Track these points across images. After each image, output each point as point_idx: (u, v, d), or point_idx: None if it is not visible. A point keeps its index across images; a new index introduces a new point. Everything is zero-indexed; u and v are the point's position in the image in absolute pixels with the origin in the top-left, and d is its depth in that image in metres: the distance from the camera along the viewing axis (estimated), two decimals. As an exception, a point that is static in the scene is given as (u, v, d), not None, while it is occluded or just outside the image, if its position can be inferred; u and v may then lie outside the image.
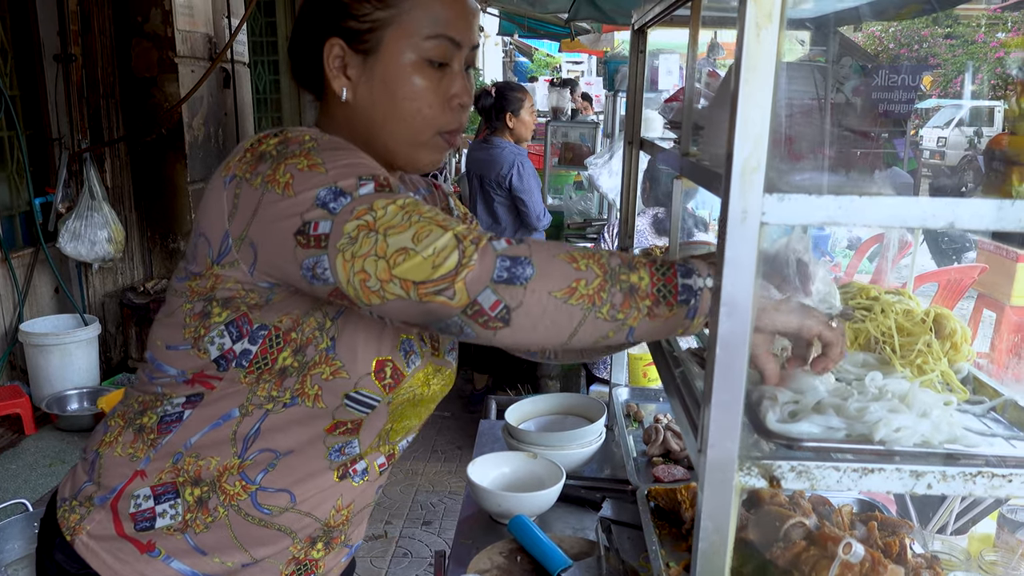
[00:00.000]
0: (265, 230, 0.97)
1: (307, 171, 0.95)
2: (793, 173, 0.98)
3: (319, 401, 1.08)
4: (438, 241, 0.88)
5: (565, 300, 0.88)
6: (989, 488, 0.86)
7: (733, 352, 0.82)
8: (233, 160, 1.02)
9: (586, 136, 5.87)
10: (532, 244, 0.90)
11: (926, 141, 15.07)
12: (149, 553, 1.10)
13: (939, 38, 16.07)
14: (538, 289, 0.87)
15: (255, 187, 0.97)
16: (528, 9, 7.10)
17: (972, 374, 1.14)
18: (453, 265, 0.86)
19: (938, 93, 15.46)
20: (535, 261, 0.88)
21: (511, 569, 1.40)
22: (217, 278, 1.03)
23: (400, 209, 0.91)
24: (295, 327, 1.05)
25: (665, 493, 1.44)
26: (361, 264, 0.89)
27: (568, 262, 0.89)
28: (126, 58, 4.63)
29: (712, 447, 0.84)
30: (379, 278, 0.88)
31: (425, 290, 0.87)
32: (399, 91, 1.07)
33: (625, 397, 2.05)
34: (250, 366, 1.06)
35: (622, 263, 0.90)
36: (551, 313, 0.88)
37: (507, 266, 0.87)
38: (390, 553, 3.30)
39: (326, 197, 0.93)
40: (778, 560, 1.13)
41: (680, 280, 0.89)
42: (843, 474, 0.86)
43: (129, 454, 1.12)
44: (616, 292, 0.88)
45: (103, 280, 4.69)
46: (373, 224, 0.90)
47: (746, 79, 0.78)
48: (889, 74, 1.10)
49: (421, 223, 0.89)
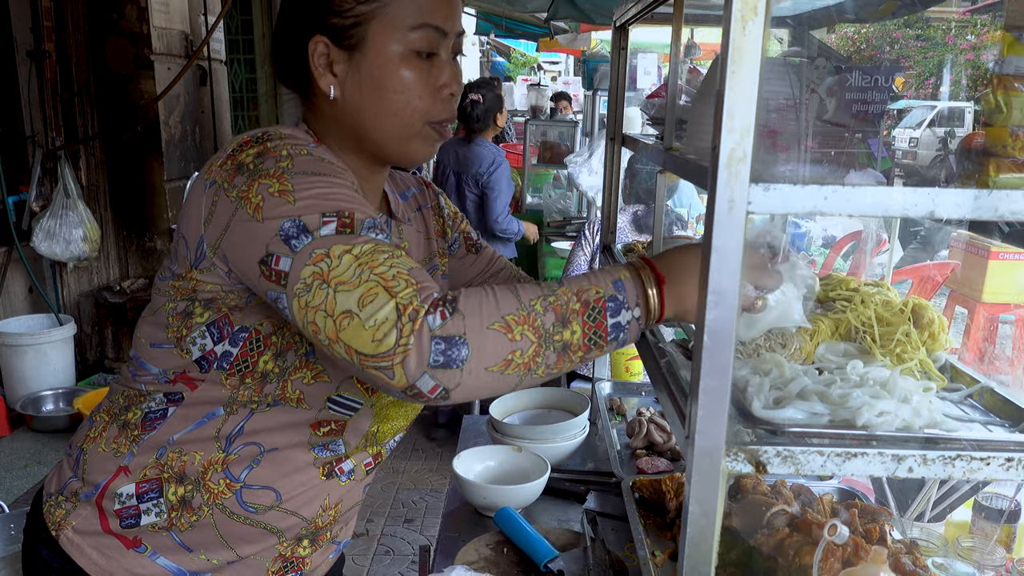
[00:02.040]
0: (235, 247, 0.98)
1: (276, 196, 0.95)
2: (776, 165, 1.00)
3: (302, 403, 1.08)
4: (379, 312, 0.87)
5: (502, 372, 0.89)
6: (968, 471, 0.88)
7: (720, 340, 0.83)
8: (215, 164, 1.02)
9: (565, 135, 5.90)
10: (467, 314, 0.89)
11: (898, 141, 15.28)
12: (135, 549, 1.10)
13: (911, 40, 16.30)
14: (475, 369, 0.88)
15: (231, 199, 0.97)
16: (507, 8, 7.10)
17: (950, 363, 1.17)
18: (391, 344, 0.86)
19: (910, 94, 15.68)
20: (469, 339, 0.87)
21: (498, 560, 1.41)
22: (197, 281, 1.03)
23: (355, 260, 0.90)
24: (275, 331, 1.05)
25: (650, 484, 1.45)
26: (313, 316, 0.90)
27: (503, 332, 0.89)
28: (101, 55, 4.58)
29: (700, 433, 0.86)
30: (328, 336, 0.90)
31: (367, 363, 0.88)
32: (387, 84, 1.06)
33: (608, 391, 2.07)
34: (231, 368, 1.06)
35: (556, 319, 0.90)
36: (489, 385, 0.90)
37: (442, 349, 0.87)
38: (372, 551, 3.30)
39: (289, 231, 0.93)
40: (762, 546, 1.15)
41: (609, 321, 0.92)
42: (827, 458, 0.88)
43: (113, 449, 1.11)
44: (550, 354, 0.91)
45: (78, 279, 4.63)
46: (326, 275, 0.90)
47: (732, 71, 0.79)
48: (863, 75, 1.11)
49: (369, 283, 0.89)
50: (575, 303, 0.92)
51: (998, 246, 4.88)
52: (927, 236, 7.10)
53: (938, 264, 4.99)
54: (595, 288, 0.93)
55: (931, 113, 16.51)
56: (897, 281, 4.81)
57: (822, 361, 1.14)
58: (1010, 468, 0.88)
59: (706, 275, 0.83)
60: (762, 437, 0.91)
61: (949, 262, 5.15)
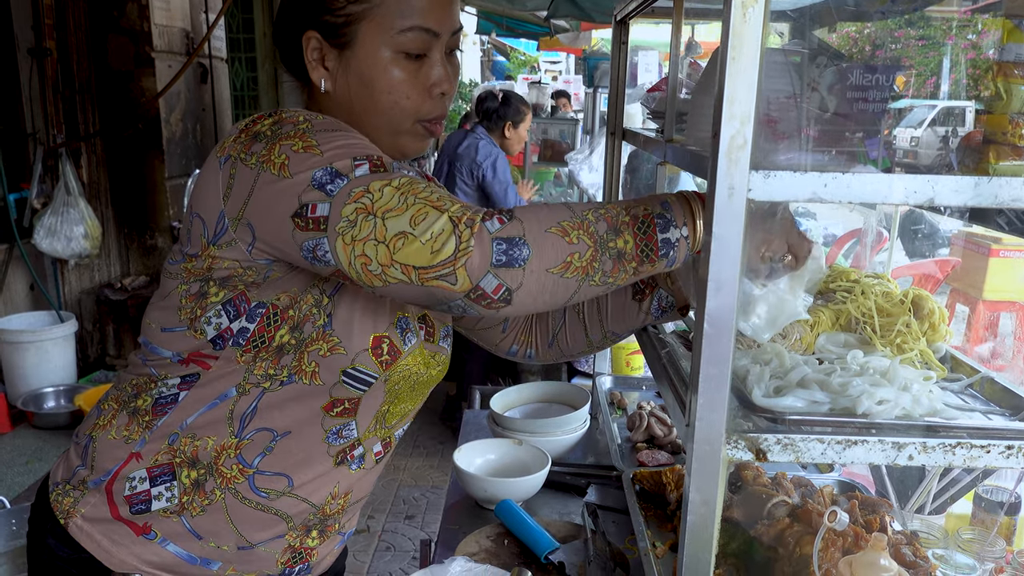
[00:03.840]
0: (262, 211, 0.97)
1: (302, 152, 0.96)
2: (778, 155, 1.01)
3: (316, 378, 1.08)
4: (434, 225, 0.89)
5: (561, 275, 0.91)
6: (968, 459, 0.88)
7: (720, 327, 0.84)
8: (228, 141, 1.03)
9: (566, 133, 5.90)
10: (524, 219, 0.91)
11: (899, 141, 15.28)
12: (145, 536, 1.10)
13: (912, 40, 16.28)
14: (536, 269, 0.90)
15: (250, 167, 0.97)
16: (507, 7, 7.10)
17: (950, 353, 1.17)
18: (451, 251, 0.88)
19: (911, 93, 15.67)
20: (529, 240, 0.90)
21: (498, 552, 1.41)
22: (213, 259, 1.03)
23: (396, 190, 0.92)
24: (292, 304, 1.05)
25: (650, 476, 1.46)
26: (361, 248, 0.91)
27: (560, 236, 0.91)
28: (102, 53, 4.58)
29: (700, 421, 0.86)
30: (380, 263, 0.90)
31: (427, 275, 0.89)
32: (376, 84, 1.08)
33: (609, 385, 2.07)
34: (247, 344, 1.06)
35: (608, 227, 0.93)
36: (549, 288, 0.92)
37: (504, 249, 0.89)
38: (373, 547, 3.30)
39: (322, 178, 0.93)
40: (763, 537, 1.15)
41: (659, 236, 0.94)
42: (827, 446, 0.88)
43: (124, 436, 1.11)
44: (606, 260, 0.93)
45: (79, 277, 4.64)
46: (371, 207, 0.91)
47: (732, 57, 0.79)
48: (863, 74, 1.11)
49: (417, 205, 0.91)
50: (624, 216, 0.94)
51: (999, 243, 4.87)
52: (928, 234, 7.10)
53: (938, 261, 4.99)
54: (643, 206, 0.95)
55: (932, 112, 16.53)
56: (897, 278, 4.81)
57: (822, 351, 1.14)
58: (1010, 456, 0.88)
59: (706, 263, 0.83)
60: (762, 425, 0.92)
61: (949, 259, 5.15)
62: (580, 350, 1.35)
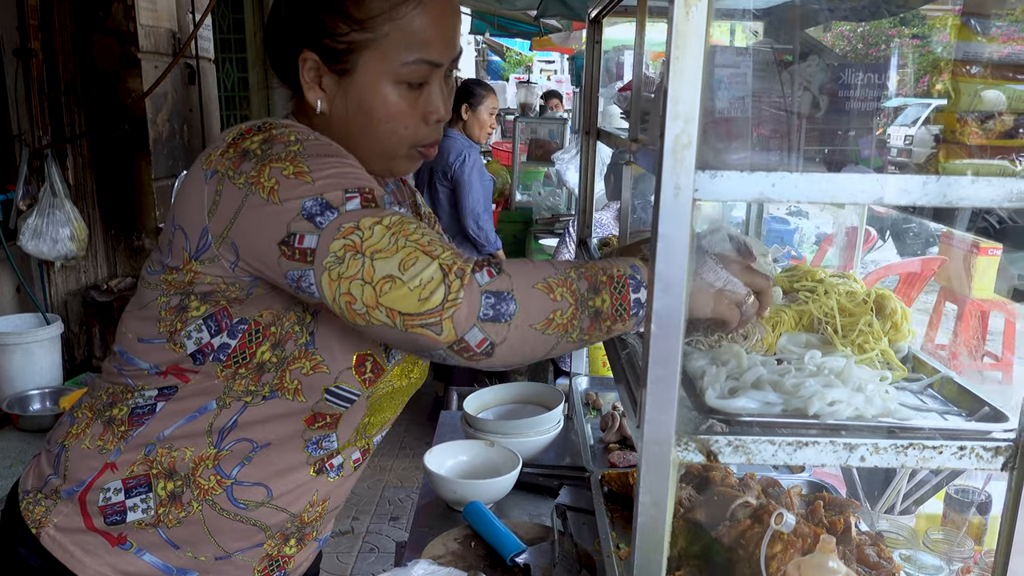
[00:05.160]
0: (248, 233, 0.96)
1: (293, 179, 0.94)
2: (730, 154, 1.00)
3: (299, 395, 1.07)
4: (424, 272, 0.88)
5: (543, 331, 0.92)
6: (920, 459, 0.88)
7: (668, 329, 0.83)
8: (215, 154, 1.00)
9: (555, 132, 5.89)
10: (512, 274, 0.91)
11: (893, 139, 15.32)
12: (120, 546, 1.08)
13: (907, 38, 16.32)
14: (520, 324, 0.90)
15: (238, 186, 0.96)
16: (497, 7, 7.10)
17: (912, 353, 1.16)
18: (439, 300, 0.87)
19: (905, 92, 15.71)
20: (517, 295, 0.90)
21: (465, 554, 1.41)
22: (195, 273, 1.01)
23: (387, 230, 0.91)
24: (275, 322, 1.04)
25: (618, 477, 1.45)
26: (347, 286, 0.90)
27: (546, 292, 0.91)
28: (88, 53, 4.56)
29: (649, 423, 0.85)
30: (365, 303, 0.89)
31: (412, 322, 0.88)
32: (375, 113, 1.06)
33: (585, 386, 2.06)
34: (228, 360, 1.04)
35: (589, 286, 0.94)
36: (530, 343, 0.92)
37: (492, 303, 0.89)
38: (357, 548, 3.29)
39: (312, 209, 0.92)
40: (723, 538, 1.14)
41: (632, 296, 0.94)
42: (778, 447, 0.87)
43: (98, 446, 1.09)
44: (585, 317, 0.93)
45: (66, 278, 4.62)
46: (360, 245, 0.90)
47: (676, 56, 0.79)
48: (856, 72, 1.11)
49: (407, 248, 0.90)
50: (603, 276, 0.95)
51: (986, 242, 4.88)
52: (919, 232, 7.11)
53: (925, 260, 4.99)
54: (616, 267, 0.96)
55: (926, 111, 16.60)
56: (884, 277, 4.81)
57: (784, 352, 1.13)
58: (963, 457, 0.87)
59: (653, 263, 0.82)
60: (717, 427, 0.91)
61: (937, 257, 5.15)
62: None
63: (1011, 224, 0.97)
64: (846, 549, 1.17)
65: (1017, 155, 0.84)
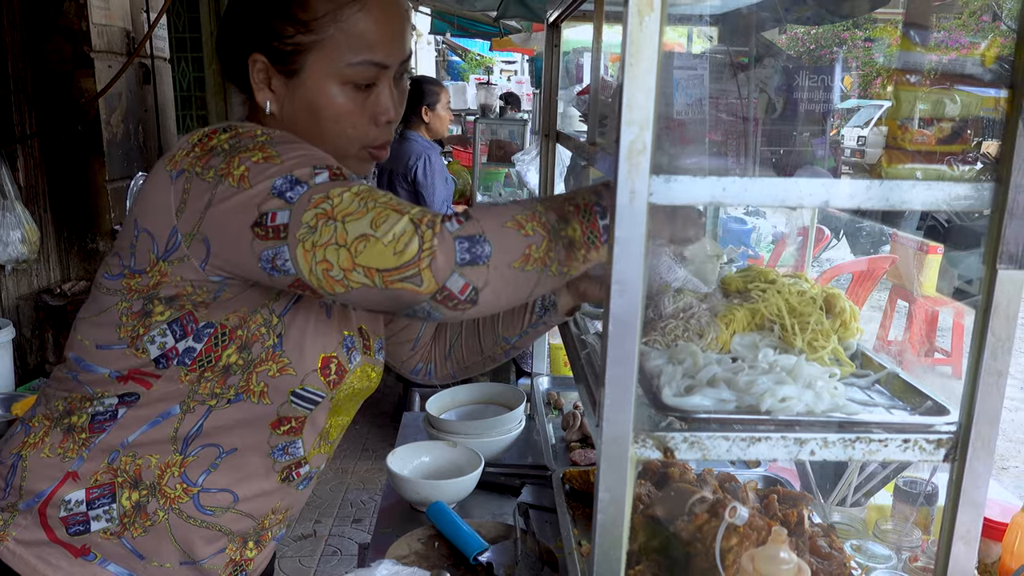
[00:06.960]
0: (219, 224, 0.96)
1: (262, 163, 0.95)
2: (686, 158, 1.03)
3: (264, 398, 1.07)
4: (396, 226, 0.88)
5: (522, 268, 0.92)
6: (867, 452, 0.91)
7: (625, 328, 0.85)
8: (179, 155, 1.01)
9: (515, 133, 5.91)
10: (480, 218, 0.92)
11: (847, 140, 15.63)
12: (84, 557, 1.07)
13: (859, 41, 16.69)
14: (499, 264, 0.90)
15: (207, 180, 0.96)
16: (457, 8, 7.09)
17: (861, 350, 1.20)
18: (415, 251, 0.88)
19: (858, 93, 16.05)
20: (489, 236, 0.90)
21: (428, 555, 1.42)
22: (163, 275, 1.00)
23: (355, 196, 0.91)
24: (242, 324, 1.04)
25: (579, 475, 1.47)
26: (323, 253, 0.90)
27: (516, 229, 0.92)
28: (39, 53, 4.47)
29: (607, 421, 0.87)
30: (342, 267, 0.89)
31: (391, 277, 0.88)
32: (322, 112, 1.07)
33: (546, 386, 2.08)
34: (192, 364, 1.04)
35: (558, 217, 0.94)
36: (512, 283, 0.92)
37: (467, 247, 0.89)
38: (319, 552, 3.27)
39: (282, 186, 0.93)
40: (681, 533, 1.17)
41: (600, 223, 0.95)
42: (732, 443, 0.90)
43: (59, 454, 1.08)
44: (560, 249, 0.93)
45: (17, 282, 4.52)
46: (331, 212, 0.90)
47: (630, 63, 0.81)
48: (810, 75, 1.14)
49: (377, 208, 0.90)
50: (568, 206, 0.95)
51: (935, 242, 5.02)
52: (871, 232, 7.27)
53: (875, 259, 5.11)
54: (580, 196, 0.97)
55: (879, 112, 16.97)
56: (836, 276, 4.91)
57: (737, 350, 1.16)
58: (907, 449, 0.91)
59: (610, 265, 0.84)
60: (671, 423, 0.93)
61: (886, 256, 5.28)
62: (474, 360, 1.37)
63: (957, 224, 1.01)
64: (799, 541, 1.21)
65: (955, 160, 0.87)
